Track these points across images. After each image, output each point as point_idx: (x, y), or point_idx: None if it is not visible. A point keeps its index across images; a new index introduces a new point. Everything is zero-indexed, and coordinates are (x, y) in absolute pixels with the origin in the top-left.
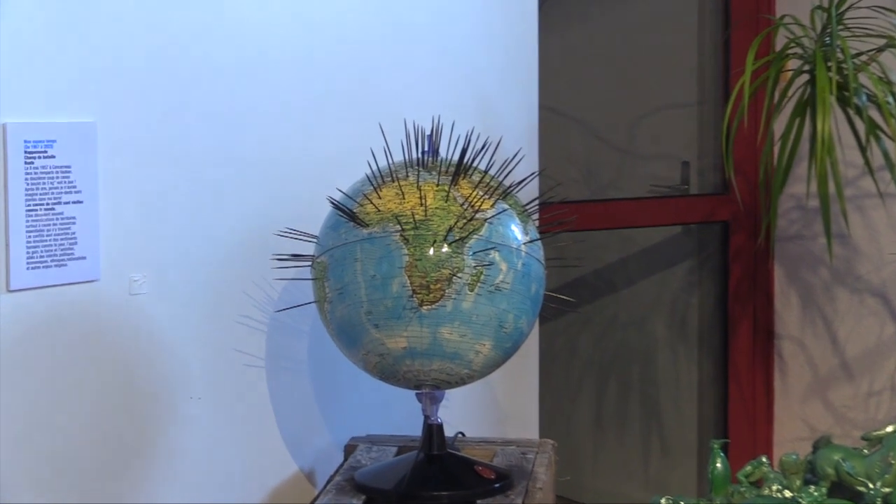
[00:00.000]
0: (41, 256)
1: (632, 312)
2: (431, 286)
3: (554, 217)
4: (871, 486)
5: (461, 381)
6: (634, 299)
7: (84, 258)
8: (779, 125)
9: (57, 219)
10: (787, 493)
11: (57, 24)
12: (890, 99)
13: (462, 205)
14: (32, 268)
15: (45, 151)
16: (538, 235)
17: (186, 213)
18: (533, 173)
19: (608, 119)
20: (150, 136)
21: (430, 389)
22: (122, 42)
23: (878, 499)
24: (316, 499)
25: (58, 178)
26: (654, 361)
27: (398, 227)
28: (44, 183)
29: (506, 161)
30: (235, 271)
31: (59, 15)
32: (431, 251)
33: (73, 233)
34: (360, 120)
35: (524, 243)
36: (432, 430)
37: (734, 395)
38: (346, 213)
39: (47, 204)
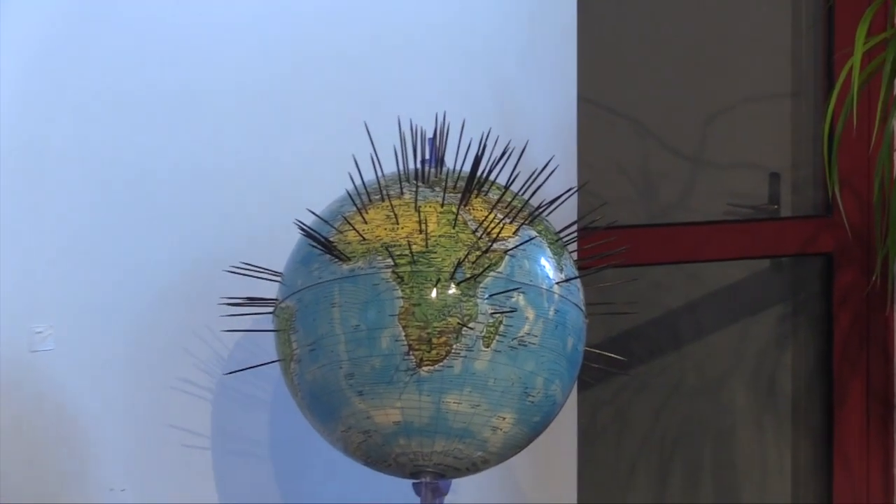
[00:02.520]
0: None
1: (703, 375)
2: (434, 340)
3: (598, 248)
4: None
5: (473, 468)
6: (706, 358)
7: None
8: None
9: None
10: None
11: None
12: None
13: (475, 231)
14: None
15: None
16: (576, 272)
17: (106, 245)
18: (570, 189)
19: (672, 116)
20: (59, 141)
21: (433, 478)
22: (23, 15)
23: None
24: None
25: None
26: (732, 441)
27: (389, 261)
28: None
29: (534, 173)
30: (171, 320)
31: None
32: (434, 293)
33: None
34: (338, 117)
35: (558, 283)
36: None
37: (841, 486)
38: (321, 242)
39: None
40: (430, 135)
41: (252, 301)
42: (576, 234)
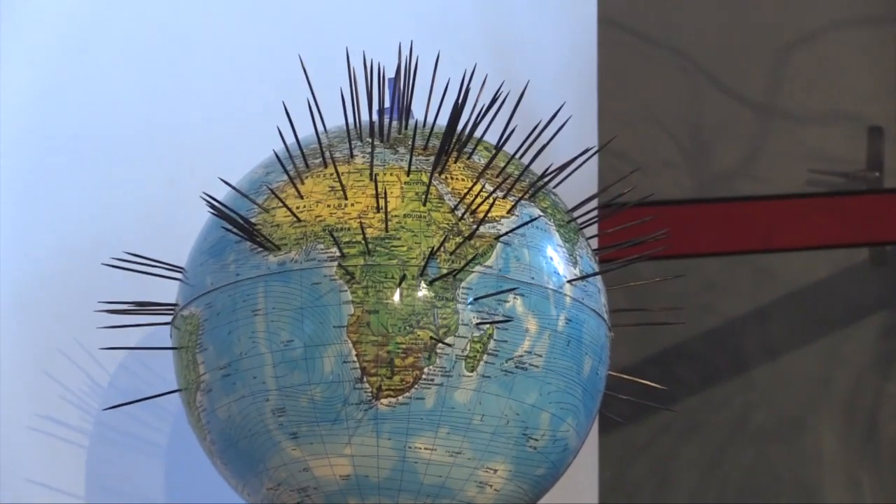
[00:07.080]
0: None
1: (776, 410)
2: (397, 362)
3: (627, 231)
4: None
5: None
6: (781, 387)
7: None
8: None
9: None
10: None
11: None
12: None
13: (454, 210)
14: None
15: None
16: (596, 267)
17: None
18: (588, 150)
19: (731, 48)
20: None
21: None
22: None
23: None
24: None
25: None
26: (818, 500)
27: (335, 250)
28: None
29: (537, 127)
30: (29, 334)
31: None
32: (397, 296)
33: None
34: (263, 51)
35: (570, 281)
36: None
37: None
38: (239, 225)
39: None
40: (391, 74)
41: (142, 307)
42: (596, 214)
